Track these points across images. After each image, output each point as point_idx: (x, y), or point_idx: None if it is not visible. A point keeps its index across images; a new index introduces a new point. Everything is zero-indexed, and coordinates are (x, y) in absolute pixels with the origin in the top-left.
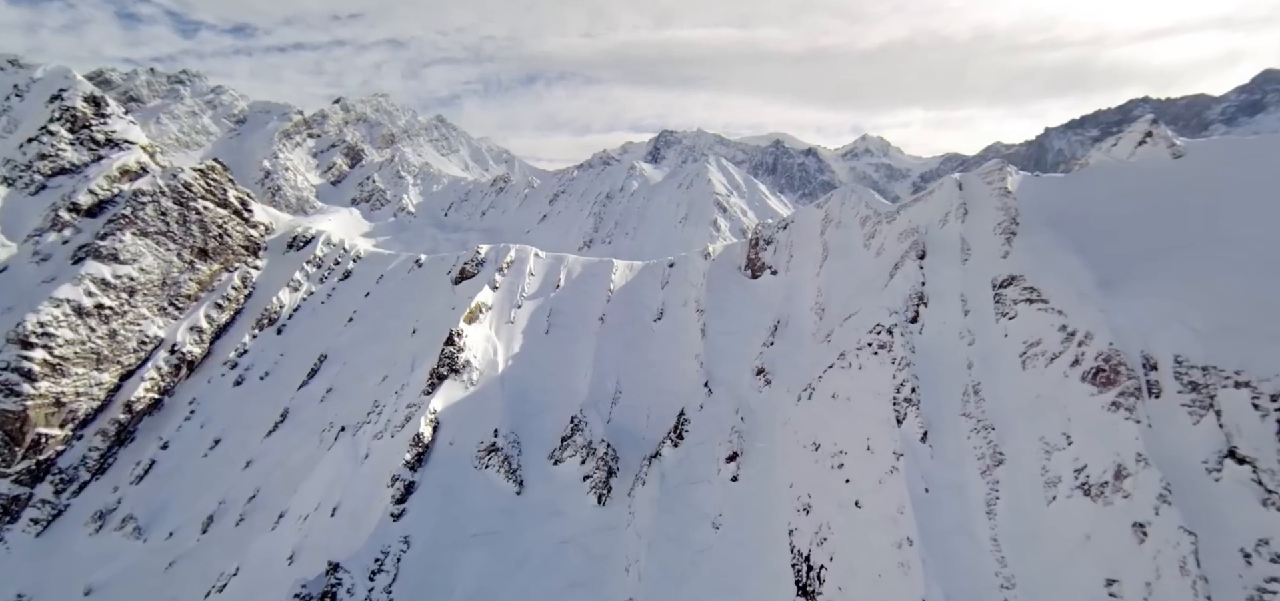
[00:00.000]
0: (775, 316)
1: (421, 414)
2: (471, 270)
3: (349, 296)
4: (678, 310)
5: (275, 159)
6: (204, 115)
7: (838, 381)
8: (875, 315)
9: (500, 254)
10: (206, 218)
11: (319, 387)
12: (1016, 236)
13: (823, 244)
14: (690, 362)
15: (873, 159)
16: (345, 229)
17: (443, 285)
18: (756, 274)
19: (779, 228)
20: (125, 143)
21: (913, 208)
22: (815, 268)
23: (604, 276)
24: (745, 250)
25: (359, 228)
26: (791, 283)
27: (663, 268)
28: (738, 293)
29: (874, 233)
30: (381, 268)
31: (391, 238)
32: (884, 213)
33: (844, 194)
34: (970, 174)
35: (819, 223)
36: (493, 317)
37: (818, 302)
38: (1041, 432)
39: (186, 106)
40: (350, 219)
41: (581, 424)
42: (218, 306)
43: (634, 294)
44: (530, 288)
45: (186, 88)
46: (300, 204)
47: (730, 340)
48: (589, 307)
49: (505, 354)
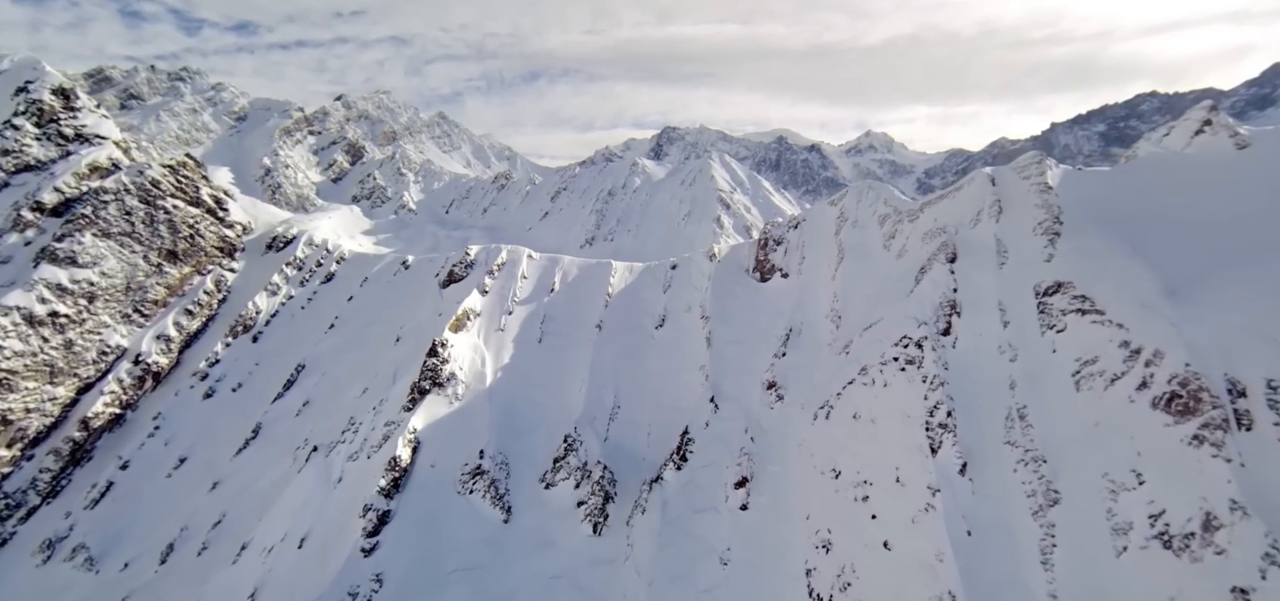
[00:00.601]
0: (787, 324)
1: (400, 433)
2: (460, 273)
3: (331, 301)
4: (681, 316)
5: (275, 156)
6: (204, 113)
7: (859, 399)
8: (901, 325)
9: (491, 255)
10: (176, 217)
11: (295, 400)
12: (1061, 237)
13: (838, 244)
14: (694, 374)
15: (877, 155)
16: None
17: (430, 289)
18: (766, 277)
19: (790, 227)
20: (97, 138)
21: (938, 205)
22: (830, 270)
23: (602, 279)
24: (753, 251)
25: (359, 225)
26: (804, 287)
27: (664, 270)
28: (746, 297)
29: (894, 232)
30: (366, 270)
31: (392, 235)
32: (906, 211)
33: (860, 190)
34: (1003, 168)
35: (833, 221)
36: (481, 325)
37: (834, 309)
38: (1104, 467)
39: (187, 104)
40: (350, 216)
41: (576, 443)
42: (188, 312)
43: (634, 298)
44: (522, 292)
45: (187, 85)
46: (301, 201)
47: (738, 350)
48: (585, 313)
49: (494, 365)
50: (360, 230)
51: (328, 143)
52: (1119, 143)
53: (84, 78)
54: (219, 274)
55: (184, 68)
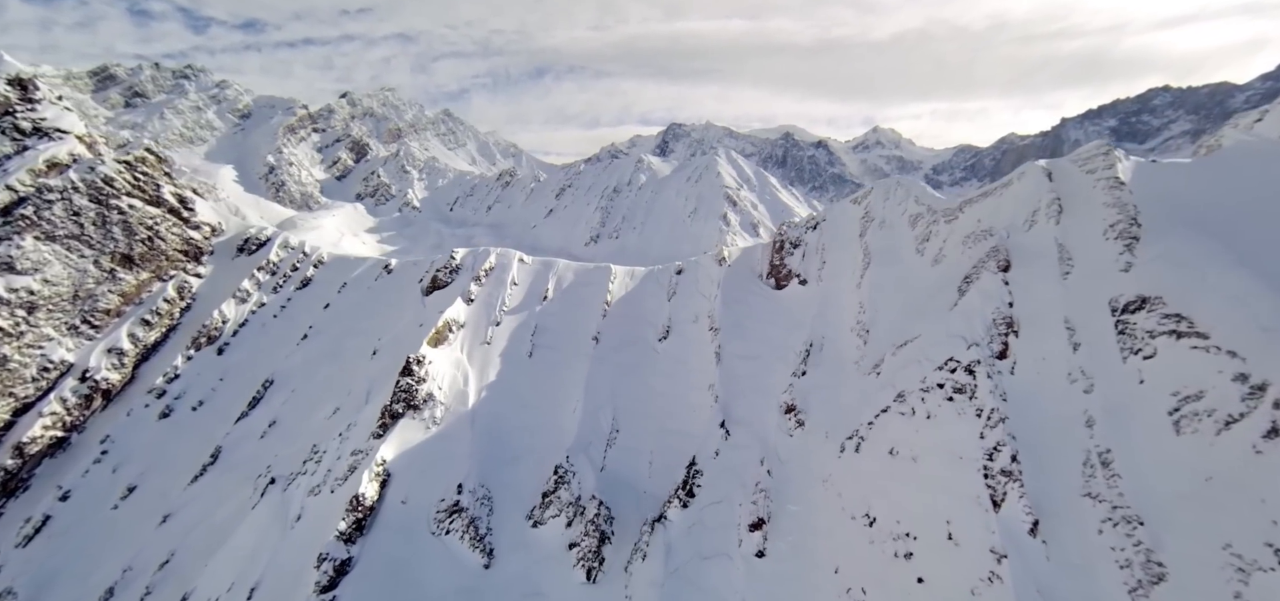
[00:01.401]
0: (806, 337)
1: (366, 465)
2: (444, 278)
3: (305, 308)
4: (687, 327)
5: (279, 154)
6: (208, 110)
7: (897, 431)
8: (945, 345)
9: (478, 259)
10: (132, 218)
11: (260, 420)
12: (1140, 242)
13: (863, 248)
14: (702, 394)
15: (884, 151)
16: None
17: (412, 296)
18: (781, 283)
19: (808, 228)
20: (57, 132)
21: (981, 204)
22: (854, 277)
23: (600, 285)
24: (767, 255)
25: (363, 223)
26: (826, 295)
27: (669, 275)
28: (760, 307)
29: (928, 235)
30: (346, 274)
31: (396, 233)
32: (941, 210)
33: (887, 187)
34: (1061, 161)
35: (857, 222)
36: (465, 338)
37: (860, 321)
38: (1226, 537)
39: (191, 101)
40: (354, 214)
41: (568, 474)
42: (145, 323)
43: (635, 307)
44: (512, 300)
45: (191, 83)
46: (305, 199)
47: (751, 367)
48: (581, 324)
49: (477, 383)
50: (363, 228)
51: (332, 140)
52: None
53: (88, 76)
54: (182, 280)
55: (188, 65)
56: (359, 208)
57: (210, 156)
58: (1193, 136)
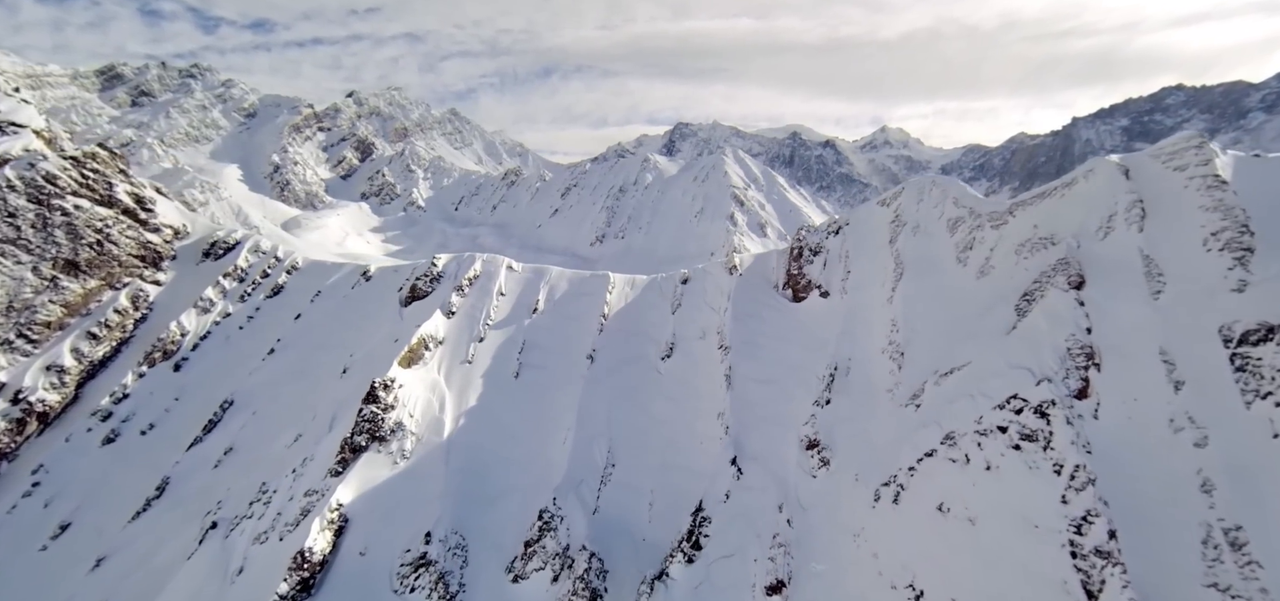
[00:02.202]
0: (830, 359)
1: (319, 510)
2: (423, 288)
3: (274, 319)
4: (693, 345)
5: (284, 153)
6: (214, 109)
7: (947, 482)
8: (1005, 378)
9: (462, 266)
10: (78, 220)
11: (215, 447)
12: (1254, 255)
13: (894, 256)
14: (710, 424)
15: (892, 151)
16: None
17: (391, 306)
18: (800, 295)
19: (829, 233)
20: (11, 126)
21: (1036, 207)
22: (884, 289)
23: (596, 296)
24: (784, 263)
25: (367, 222)
26: (851, 310)
27: (673, 284)
28: (776, 322)
29: (971, 242)
30: (321, 281)
31: (400, 232)
32: (986, 213)
33: (920, 186)
34: (1139, 155)
35: (885, 226)
36: (443, 356)
37: (893, 342)
38: None
39: (196, 100)
40: (358, 213)
41: (555, 519)
42: (92, 336)
43: (635, 320)
44: (499, 312)
45: (197, 82)
46: (309, 198)
47: (767, 392)
48: (575, 340)
49: (455, 409)
50: (368, 227)
51: (337, 139)
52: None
53: (95, 75)
54: (137, 288)
55: (195, 64)
56: (363, 207)
57: (215, 155)
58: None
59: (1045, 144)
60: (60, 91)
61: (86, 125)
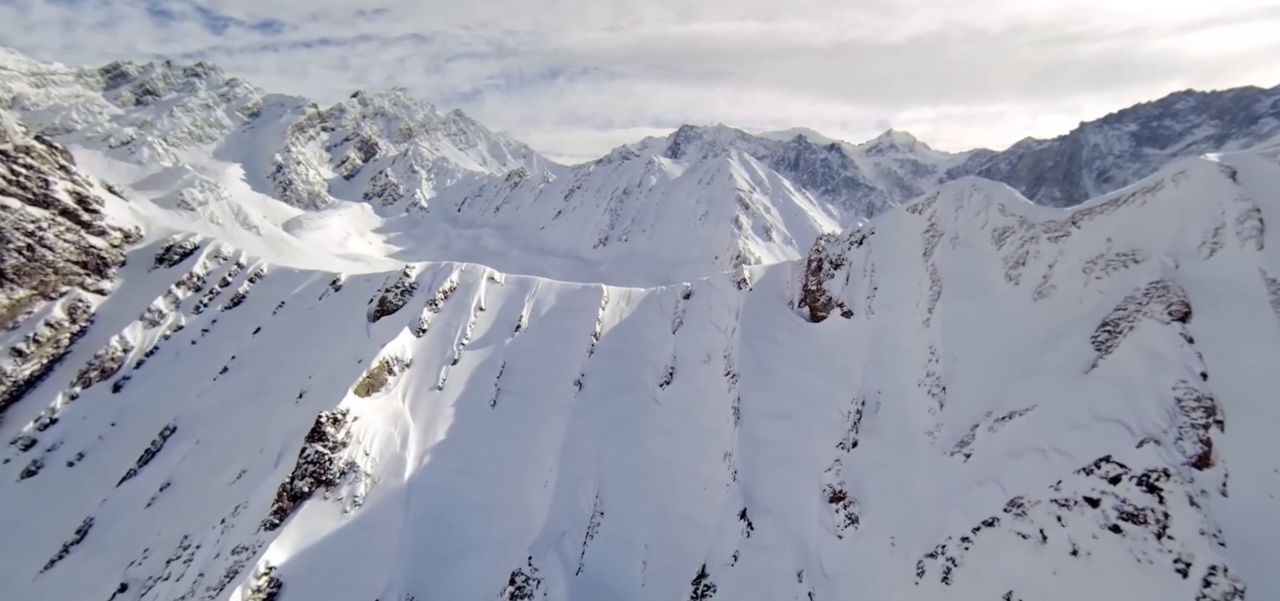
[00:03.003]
0: (856, 391)
1: (245, 575)
2: (393, 301)
3: (231, 333)
4: (696, 370)
5: (287, 152)
6: (218, 108)
7: (1015, 564)
8: (1089, 434)
9: (438, 277)
10: (5, 222)
11: (150, 481)
12: None
13: (929, 271)
14: (715, 465)
15: (898, 154)
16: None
17: (359, 321)
18: (819, 314)
19: (851, 243)
20: None
21: (1109, 216)
22: (919, 310)
23: (587, 312)
24: (800, 276)
25: (369, 223)
26: (880, 333)
27: (674, 299)
28: (792, 345)
29: (1023, 257)
30: (287, 290)
31: (402, 233)
32: (1041, 223)
33: (959, 191)
34: (1248, 154)
35: (918, 237)
36: (409, 382)
37: (931, 374)
38: None
39: (201, 99)
40: (361, 214)
41: (530, 582)
42: (17, 353)
43: (631, 340)
44: (477, 329)
45: (202, 81)
46: (311, 198)
47: (782, 429)
48: (562, 362)
49: (420, 445)
50: (370, 228)
51: (341, 139)
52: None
53: (100, 74)
54: (76, 298)
55: (199, 63)
56: (366, 207)
57: (218, 155)
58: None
59: (1052, 149)
60: (64, 90)
61: (87, 123)
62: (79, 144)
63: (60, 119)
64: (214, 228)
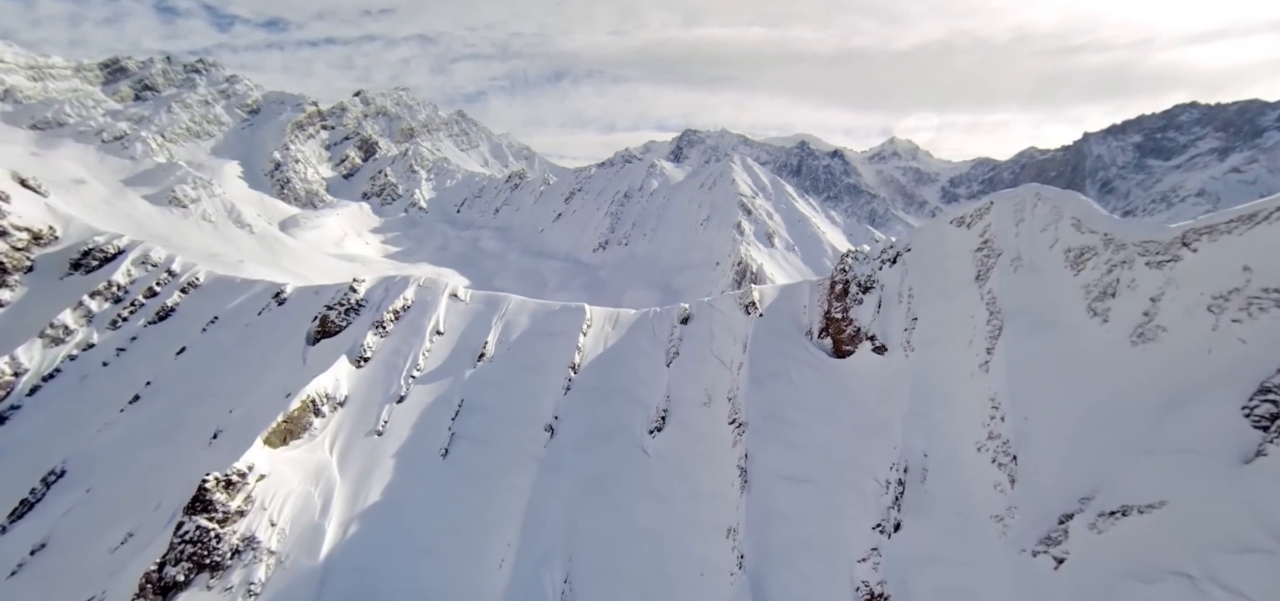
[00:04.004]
0: (896, 451)
1: None
2: (337, 321)
3: (151, 353)
4: (694, 414)
5: (286, 150)
6: (217, 105)
7: None
8: (1275, 563)
9: (391, 292)
10: None
11: (22, 540)
12: None
13: (985, 299)
14: (716, 545)
15: (901, 162)
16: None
17: (298, 342)
18: (844, 348)
19: (883, 261)
20: None
21: (1242, 237)
22: (975, 348)
23: (566, 336)
24: (821, 299)
25: (367, 223)
26: (923, 376)
27: (669, 324)
28: (812, 387)
29: (1113, 286)
30: (225, 302)
31: (401, 234)
32: (1136, 243)
33: (1018, 202)
34: None
35: (968, 256)
36: (341, 426)
37: (996, 435)
38: None
39: (200, 95)
40: (359, 213)
41: None
42: None
43: (617, 373)
44: (431, 358)
45: (202, 77)
46: (309, 197)
47: (802, 499)
48: (532, 400)
49: (346, 509)
50: (367, 228)
51: (341, 138)
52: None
53: (99, 68)
54: None
55: (200, 59)
56: (364, 207)
57: (216, 152)
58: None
59: (1055, 159)
60: (62, 83)
61: (80, 117)
62: (71, 138)
63: (52, 112)
64: (206, 225)
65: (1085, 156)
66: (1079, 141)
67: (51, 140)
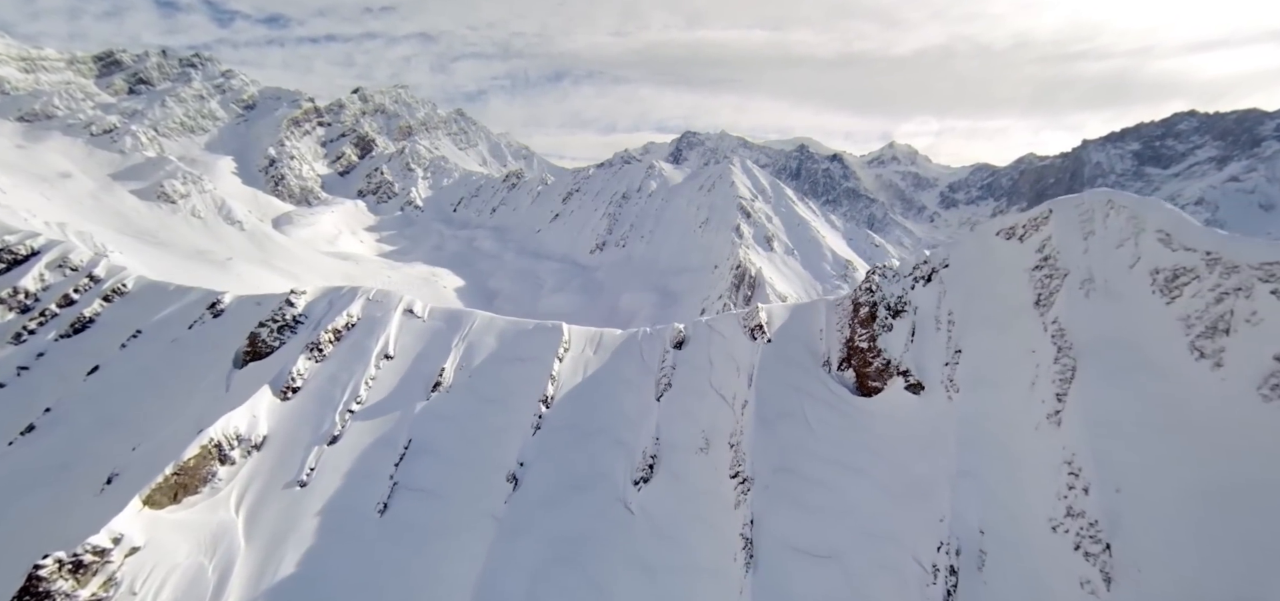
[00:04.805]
0: (943, 526)
1: None
2: (269, 341)
3: (58, 373)
4: (689, 462)
5: (281, 146)
6: (211, 100)
7: None
8: None
9: (335, 306)
10: None
11: None
12: None
13: (1049, 331)
14: None
15: (900, 167)
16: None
17: (226, 363)
18: (870, 384)
19: (915, 279)
20: None
21: None
22: (1039, 392)
23: (539, 362)
24: (841, 323)
25: (362, 221)
26: (973, 425)
27: (661, 347)
28: (832, 431)
29: (1224, 319)
30: (152, 312)
31: (396, 232)
32: (1254, 266)
33: (1085, 210)
34: None
35: (1021, 275)
36: (254, 475)
37: (1074, 510)
38: None
39: (194, 90)
40: (353, 211)
41: None
42: None
43: (597, 407)
44: (376, 388)
45: (197, 72)
46: (304, 194)
47: (823, 582)
48: (494, 440)
49: (250, 589)
50: (362, 226)
51: (337, 134)
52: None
53: (93, 61)
54: None
55: (196, 54)
56: (359, 205)
57: (210, 147)
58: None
59: (1054, 165)
60: (55, 76)
61: (69, 110)
62: (59, 131)
63: (40, 104)
64: (195, 221)
65: (1084, 163)
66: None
67: (39, 133)
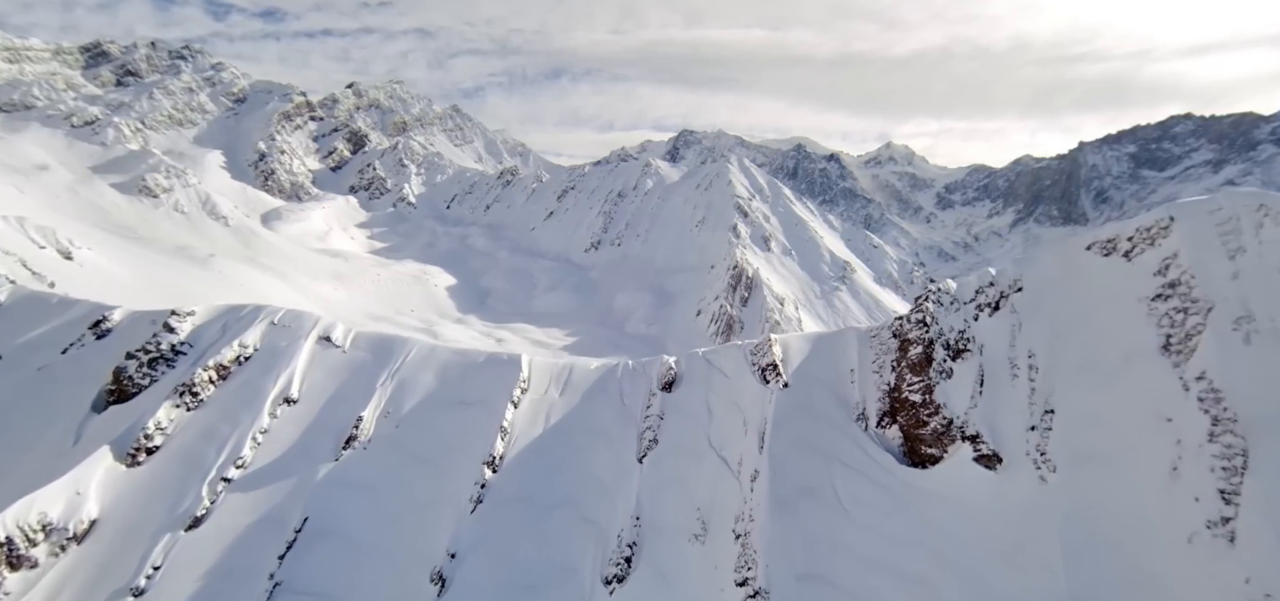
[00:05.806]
0: None
1: None
2: (135, 377)
3: None
4: (679, 551)
5: (272, 141)
6: (201, 92)
7: None
8: None
9: (228, 330)
10: None
11: None
12: None
13: (1190, 388)
14: None
15: (897, 167)
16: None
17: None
18: (924, 450)
19: (979, 306)
20: None
21: None
22: (1188, 483)
23: (491, 402)
24: (882, 363)
25: (354, 217)
26: (1084, 524)
27: (645, 386)
28: (874, 516)
29: None
30: (24, 330)
31: (388, 230)
32: None
33: (1226, 217)
34: None
35: (1134, 305)
36: (64, 583)
37: None
38: None
39: (183, 82)
40: (345, 207)
41: None
42: None
43: (559, 469)
44: (268, 446)
45: (187, 64)
46: (294, 189)
47: None
48: (421, 518)
49: None
50: (354, 222)
51: (330, 129)
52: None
53: (80, 52)
54: None
55: (186, 46)
56: (351, 201)
57: (199, 140)
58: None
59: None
60: (40, 67)
61: (49, 101)
62: (38, 121)
63: (19, 95)
64: (177, 216)
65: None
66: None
67: (16, 123)
